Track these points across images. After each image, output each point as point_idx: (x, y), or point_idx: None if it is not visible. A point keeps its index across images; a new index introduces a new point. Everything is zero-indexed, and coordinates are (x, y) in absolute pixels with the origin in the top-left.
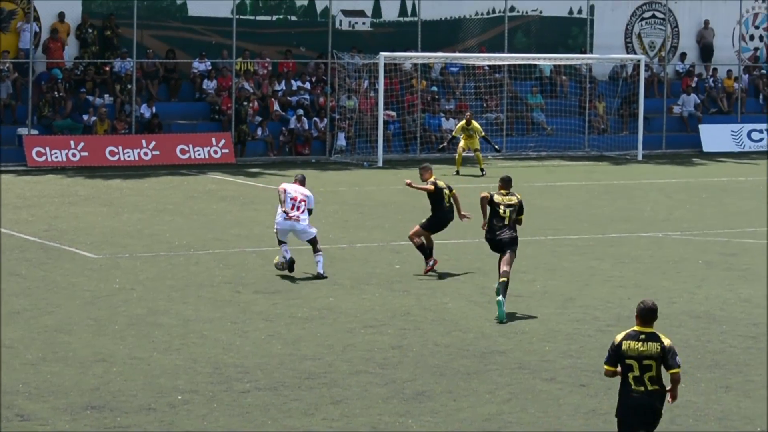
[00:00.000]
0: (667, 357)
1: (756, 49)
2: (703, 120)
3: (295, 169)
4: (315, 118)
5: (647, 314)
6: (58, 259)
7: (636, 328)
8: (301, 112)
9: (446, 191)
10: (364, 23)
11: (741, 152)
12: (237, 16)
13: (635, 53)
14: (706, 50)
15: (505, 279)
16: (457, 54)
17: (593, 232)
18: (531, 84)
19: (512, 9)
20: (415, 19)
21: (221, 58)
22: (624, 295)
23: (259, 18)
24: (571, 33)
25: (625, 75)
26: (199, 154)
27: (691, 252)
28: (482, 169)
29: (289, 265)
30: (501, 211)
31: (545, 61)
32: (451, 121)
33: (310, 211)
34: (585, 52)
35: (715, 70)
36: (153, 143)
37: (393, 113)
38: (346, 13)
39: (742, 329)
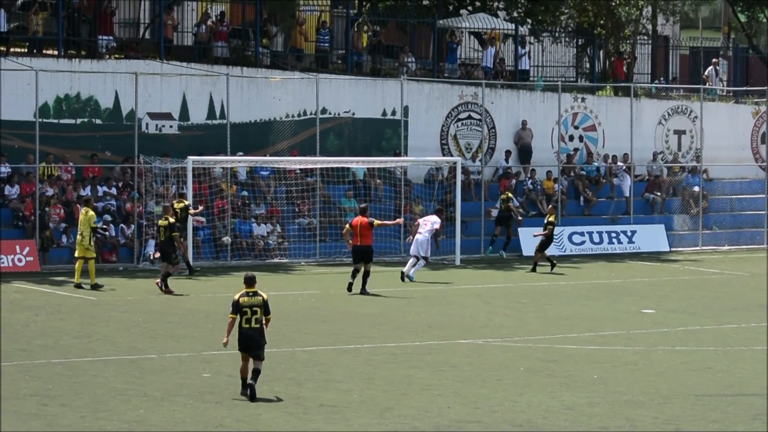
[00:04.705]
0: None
1: (576, 149)
2: (522, 223)
3: (102, 276)
4: (122, 225)
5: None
6: None
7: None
8: (108, 218)
9: None
10: (171, 126)
11: (562, 255)
12: (40, 120)
13: (451, 155)
14: (524, 151)
15: None
16: (267, 158)
17: (410, 339)
18: (345, 188)
19: (324, 111)
20: (224, 121)
21: (26, 162)
22: (443, 404)
23: (62, 121)
24: (385, 135)
25: (441, 177)
26: (2, 262)
27: (511, 359)
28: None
29: None
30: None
31: (358, 164)
32: (263, 226)
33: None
34: (399, 155)
35: (533, 171)
36: None
37: (203, 219)
38: (153, 116)
39: None
